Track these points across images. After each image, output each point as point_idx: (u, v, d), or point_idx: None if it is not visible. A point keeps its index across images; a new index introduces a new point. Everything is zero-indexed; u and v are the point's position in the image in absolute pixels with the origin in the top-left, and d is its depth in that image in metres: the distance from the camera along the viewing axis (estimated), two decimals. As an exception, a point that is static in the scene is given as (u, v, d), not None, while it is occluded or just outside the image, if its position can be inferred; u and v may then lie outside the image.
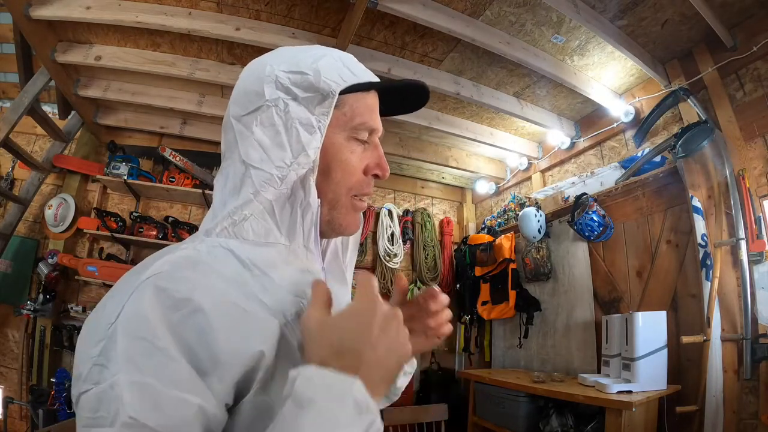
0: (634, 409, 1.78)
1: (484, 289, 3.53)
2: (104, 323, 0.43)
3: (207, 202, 3.27)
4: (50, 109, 3.14)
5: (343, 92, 0.55)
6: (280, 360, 0.46)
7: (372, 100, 0.59)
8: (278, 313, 0.48)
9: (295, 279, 0.53)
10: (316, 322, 0.45)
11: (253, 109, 0.54)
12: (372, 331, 0.43)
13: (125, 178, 3.03)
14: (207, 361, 0.42)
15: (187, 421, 0.39)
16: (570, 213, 2.79)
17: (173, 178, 3.19)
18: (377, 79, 0.60)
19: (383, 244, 3.75)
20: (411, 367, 0.71)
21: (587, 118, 3.10)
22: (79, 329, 2.85)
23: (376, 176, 0.60)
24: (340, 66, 0.56)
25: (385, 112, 0.62)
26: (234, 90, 0.59)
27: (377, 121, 0.59)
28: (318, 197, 0.56)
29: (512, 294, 3.21)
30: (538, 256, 3.10)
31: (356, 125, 0.57)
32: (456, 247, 4.02)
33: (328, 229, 0.60)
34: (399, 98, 0.64)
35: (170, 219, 3.17)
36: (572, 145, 3.16)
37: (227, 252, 0.51)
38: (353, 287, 0.54)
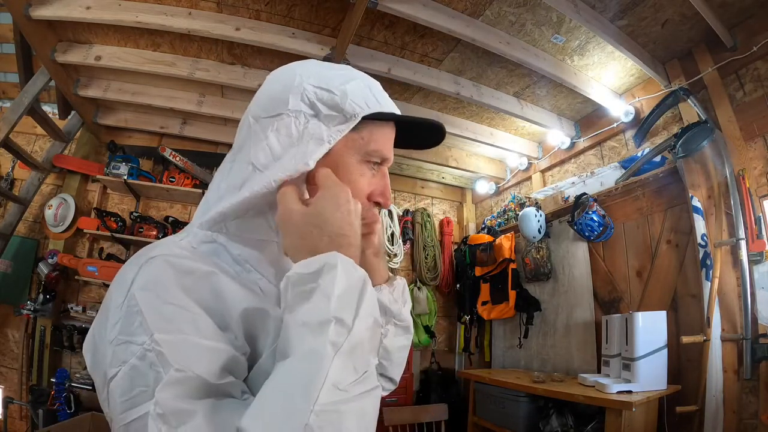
0: (634, 409, 1.78)
1: (484, 289, 3.53)
2: (114, 307, 0.44)
3: (207, 202, 3.27)
4: (50, 109, 3.14)
5: (365, 117, 0.55)
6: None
7: (390, 130, 0.60)
8: (273, 301, 0.53)
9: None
10: (299, 215, 0.48)
11: (273, 114, 0.55)
12: (351, 219, 0.48)
13: (125, 178, 3.03)
14: (224, 317, 0.46)
15: (224, 367, 0.42)
16: (570, 213, 2.79)
17: (173, 178, 3.19)
18: (399, 112, 0.60)
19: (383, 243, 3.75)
20: (398, 283, 0.70)
21: (587, 118, 3.10)
22: (79, 329, 2.86)
23: (377, 204, 0.60)
24: (367, 92, 0.56)
25: (398, 143, 0.63)
26: (258, 92, 0.59)
27: (390, 152, 0.60)
28: None
29: (512, 294, 3.21)
30: (538, 256, 3.10)
31: (370, 151, 0.57)
32: (456, 247, 4.02)
33: None
34: (415, 133, 0.64)
35: (170, 219, 3.17)
36: (572, 145, 3.16)
37: (220, 246, 0.55)
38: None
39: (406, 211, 4.03)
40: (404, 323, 0.69)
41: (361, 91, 0.56)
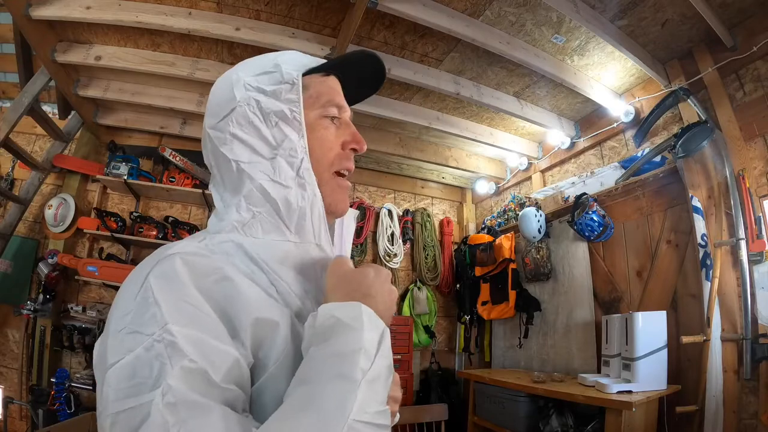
0: (634, 409, 1.77)
1: (484, 289, 3.53)
2: (129, 295, 0.44)
3: (207, 202, 3.28)
4: (50, 109, 3.14)
5: (305, 76, 0.60)
6: (293, 344, 0.49)
7: (332, 81, 0.64)
8: (287, 304, 0.52)
9: (300, 280, 0.56)
10: (347, 269, 0.54)
11: (227, 113, 0.58)
12: (386, 287, 0.53)
13: (125, 178, 3.03)
14: (235, 323, 0.46)
15: (230, 372, 0.42)
16: (570, 213, 2.79)
17: (173, 178, 3.19)
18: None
19: (383, 244, 3.75)
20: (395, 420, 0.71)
21: (587, 118, 3.10)
22: (79, 329, 2.86)
23: (354, 150, 0.63)
24: (298, 57, 0.62)
25: (354, 99, 0.67)
26: (207, 105, 0.63)
27: (342, 99, 0.64)
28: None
29: (512, 294, 3.21)
30: (538, 256, 3.10)
31: (324, 103, 0.61)
32: (456, 247, 4.02)
33: None
34: (359, 82, 0.68)
35: (170, 219, 3.17)
36: (572, 145, 3.16)
37: (237, 246, 0.54)
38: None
39: (406, 211, 4.03)
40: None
41: (292, 58, 0.61)
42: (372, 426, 0.39)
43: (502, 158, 3.87)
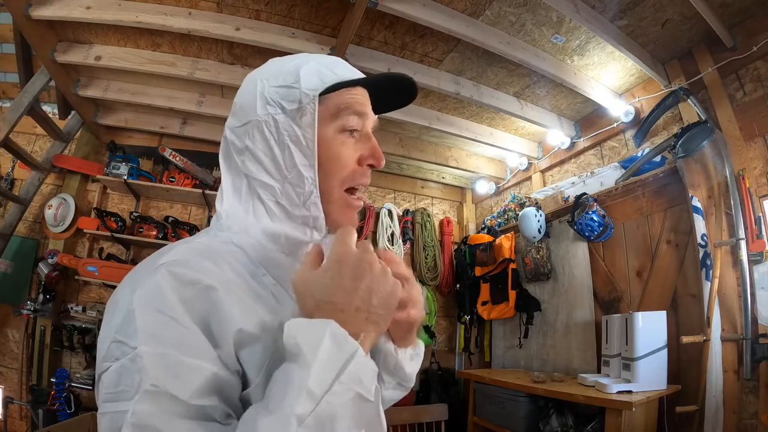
0: (634, 409, 1.78)
1: (484, 289, 3.53)
2: (121, 305, 0.45)
3: (207, 202, 3.28)
4: (50, 109, 3.14)
5: (325, 93, 0.56)
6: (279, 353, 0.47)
7: (358, 92, 0.59)
8: (283, 307, 0.52)
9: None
10: (301, 280, 0.47)
11: (245, 122, 0.57)
12: (344, 282, 0.44)
13: (125, 178, 3.03)
14: (218, 333, 0.45)
15: (204, 387, 0.42)
16: (570, 213, 2.79)
17: (173, 178, 3.19)
18: (363, 76, 0.59)
19: (383, 244, 3.75)
20: (420, 349, 0.68)
21: (587, 118, 3.10)
22: (79, 329, 2.87)
23: (371, 166, 0.60)
24: (322, 70, 0.57)
25: (378, 110, 0.63)
26: (233, 102, 0.61)
27: (365, 107, 0.59)
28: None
29: (512, 294, 3.21)
30: (538, 256, 3.10)
31: (341, 112, 0.57)
32: (456, 247, 4.02)
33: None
34: (390, 95, 0.64)
35: (170, 219, 3.17)
36: (572, 145, 3.16)
37: (239, 249, 0.55)
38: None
39: (406, 211, 4.02)
40: (408, 384, 0.68)
41: (316, 71, 0.56)
42: None
43: (502, 158, 3.87)
